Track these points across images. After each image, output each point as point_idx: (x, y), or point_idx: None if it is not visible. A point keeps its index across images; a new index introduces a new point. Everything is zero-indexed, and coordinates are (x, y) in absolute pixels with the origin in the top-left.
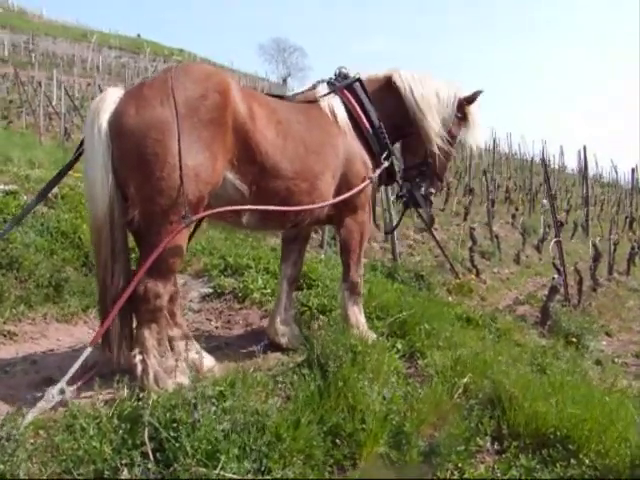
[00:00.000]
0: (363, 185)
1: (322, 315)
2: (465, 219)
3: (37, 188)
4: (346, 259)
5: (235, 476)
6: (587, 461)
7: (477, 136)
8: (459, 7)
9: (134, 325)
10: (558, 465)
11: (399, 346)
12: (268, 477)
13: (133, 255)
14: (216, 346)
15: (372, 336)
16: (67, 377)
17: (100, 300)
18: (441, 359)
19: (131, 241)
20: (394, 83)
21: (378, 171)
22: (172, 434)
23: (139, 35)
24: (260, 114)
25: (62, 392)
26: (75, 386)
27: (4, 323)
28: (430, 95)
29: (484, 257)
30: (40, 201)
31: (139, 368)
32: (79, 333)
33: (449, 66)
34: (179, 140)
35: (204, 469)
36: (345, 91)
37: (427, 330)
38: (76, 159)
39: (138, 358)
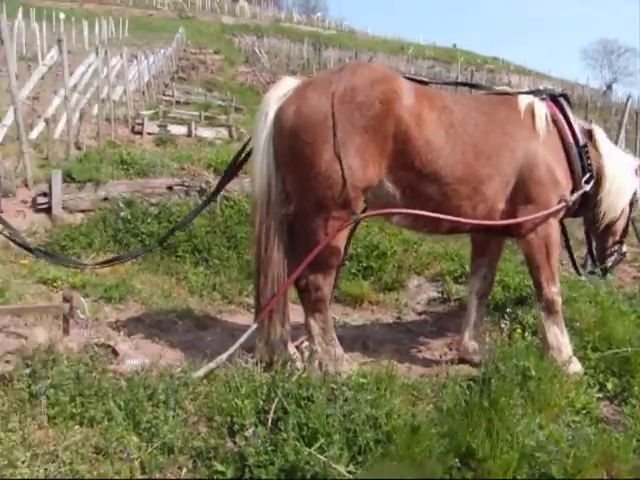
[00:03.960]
0: (557, 207)
1: (533, 336)
2: None
3: None
4: (535, 276)
5: (323, 458)
6: None
7: None
8: None
9: (282, 301)
10: None
11: (609, 385)
12: (346, 468)
13: None
14: (414, 347)
15: (575, 364)
16: (234, 347)
17: (255, 273)
18: None
19: None
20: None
21: (577, 194)
22: (292, 408)
23: (454, 45)
24: (430, 119)
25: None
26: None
27: (246, 296)
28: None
29: None
30: (212, 199)
31: (306, 354)
32: None
33: None
34: (334, 145)
35: (298, 444)
36: (550, 102)
37: None
38: (243, 159)
39: (304, 345)
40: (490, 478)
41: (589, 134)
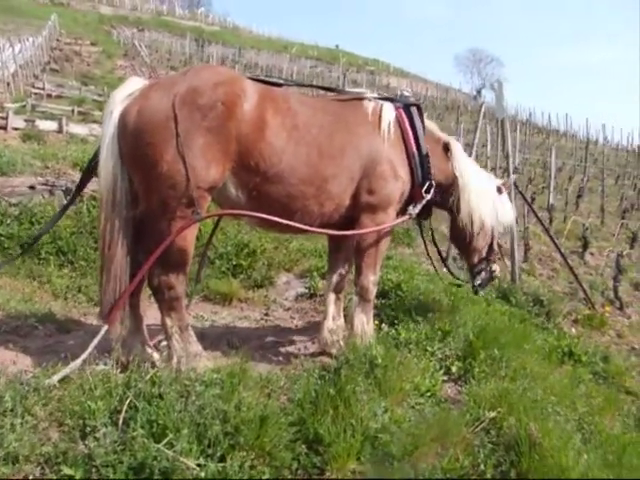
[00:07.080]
0: (402, 220)
1: (389, 327)
2: (632, 246)
3: None
4: (358, 261)
5: (171, 453)
6: None
7: (508, 217)
8: None
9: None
10: None
11: (453, 368)
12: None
13: None
14: (278, 342)
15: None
16: (86, 353)
17: (99, 270)
18: (487, 389)
19: None
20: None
21: (419, 205)
22: (141, 406)
23: (337, 46)
24: (273, 122)
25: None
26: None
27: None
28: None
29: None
30: (74, 200)
31: (164, 353)
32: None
33: None
34: (176, 145)
35: (147, 441)
36: (401, 109)
37: (494, 356)
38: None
39: (163, 344)
40: (336, 461)
41: (446, 147)
